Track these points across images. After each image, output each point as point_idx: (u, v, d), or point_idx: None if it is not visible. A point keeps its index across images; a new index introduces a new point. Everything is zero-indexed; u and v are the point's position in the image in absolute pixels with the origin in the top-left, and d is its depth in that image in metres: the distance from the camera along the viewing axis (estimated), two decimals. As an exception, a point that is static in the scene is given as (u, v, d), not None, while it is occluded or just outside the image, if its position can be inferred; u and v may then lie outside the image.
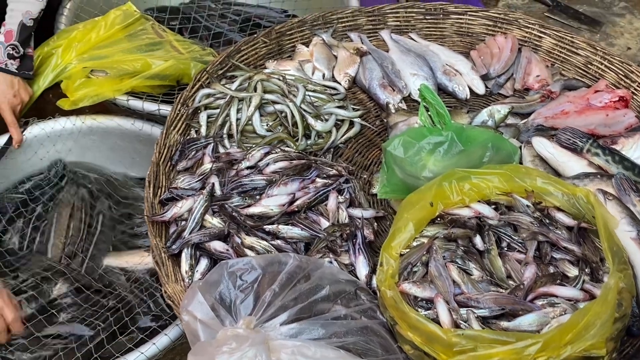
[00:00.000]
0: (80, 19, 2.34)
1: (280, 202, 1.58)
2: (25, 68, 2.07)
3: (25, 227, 1.97)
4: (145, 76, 2.09)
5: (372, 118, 1.97)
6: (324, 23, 2.17)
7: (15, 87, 2.05)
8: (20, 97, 2.07)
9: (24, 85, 2.08)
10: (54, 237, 1.92)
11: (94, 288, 1.81)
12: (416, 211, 1.44)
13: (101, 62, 2.14)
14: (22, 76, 2.07)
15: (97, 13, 2.35)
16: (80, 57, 2.13)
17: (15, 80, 2.05)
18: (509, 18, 2.16)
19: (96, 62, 2.13)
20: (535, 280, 1.41)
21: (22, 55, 2.05)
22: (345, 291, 1.42)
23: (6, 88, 2.03)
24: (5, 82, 2.03)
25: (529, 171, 1.53)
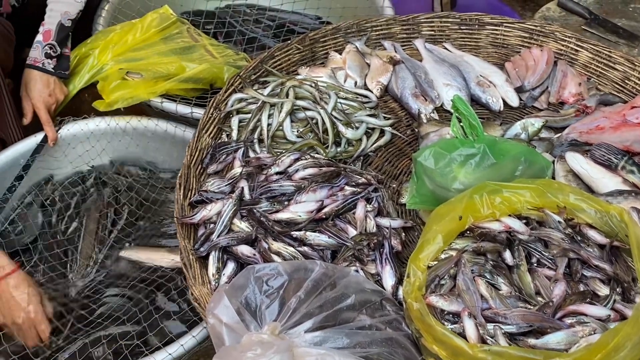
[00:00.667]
0: (118, 20, 2.38)
1: (309, 209, 1.58)
2: (62, 68, 2.11)
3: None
4: (179, 79, 2.12)
5: (403, 127, 1.96)
6: (358, 31, 2.17)
7: (51, 86, 2.09)
8: (55, 97, 2.10)
9: (59, 84, 2.12)
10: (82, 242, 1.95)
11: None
12: (445, 223, 1.43)
13: (137, 64, 2.17)
14: (59, 75, 2.11)
15: (134, 15, 2.39)
16: (116, 58, 2.17)
17: (52, 80, 2.09)
18: (546, 30, 2.13)
19: (132, 64, 2.16)
20: (564, 298, 1.38)
21: (59, 55, 2.09)
22: (370, 301, 1.41)
23: (42, 87, 2.07)
24: (42, 81, 2.07)
25: (561, 187, 1.51)
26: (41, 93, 2.07)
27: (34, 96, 2.08)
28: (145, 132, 2.13)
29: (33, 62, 2.07)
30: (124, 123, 2.13)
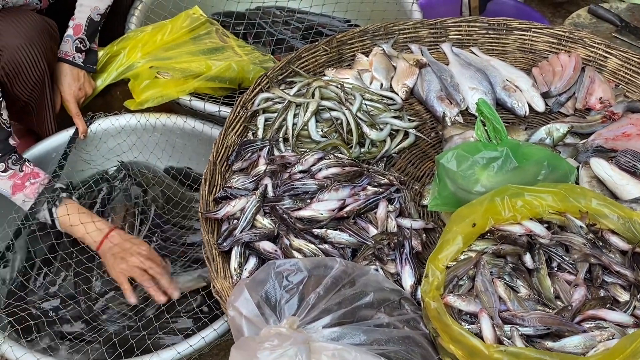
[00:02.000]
0: (150, 20, 2.42)
1: (330, 207, 1.60)
2: (90, 62, 2.17)
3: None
4: (206, 77, 2.15)
5: (427, 130, 1.97)
6: (385, 34, 2.19)
7: (81, 80, 2.15)
8: (84, 90, 2.16)
9: (88, 78, 2.18)
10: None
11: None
12: (466, 225, 1.44)
13: (166, 62, 2.21)
14: (87, 70, 2.16)
15: (166, 15, 2.43)
16: (146, 57, 2.21)
17: (81, 74, 2.15)
18: (574, 37, 2.12)
19: (161, 62, 2.21)
20: (584, 303, 1.38)
21: (87, 49, 2.14)
22: (389, 300, 1.42)
23: (72, 80, 2.13)
24: (72, 75, 2.13)
25: (584, 192, 1.51)
26: (71, 86, 2.13)
27: (64, 89, 2.14)
28: (174, 130, 2.16)
29: (64, 56, 2.13)
30: (154, 120, 2.17)
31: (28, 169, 1.87)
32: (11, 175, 1.85)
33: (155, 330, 1.79)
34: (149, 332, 1.78)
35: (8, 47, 1.95)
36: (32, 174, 1.87)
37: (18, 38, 1.96)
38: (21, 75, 2.01)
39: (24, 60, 1.99)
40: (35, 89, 2.09)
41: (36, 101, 2.13)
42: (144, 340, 1.74)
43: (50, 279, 1.93)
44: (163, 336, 1.79)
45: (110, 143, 2.21)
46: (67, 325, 1.84)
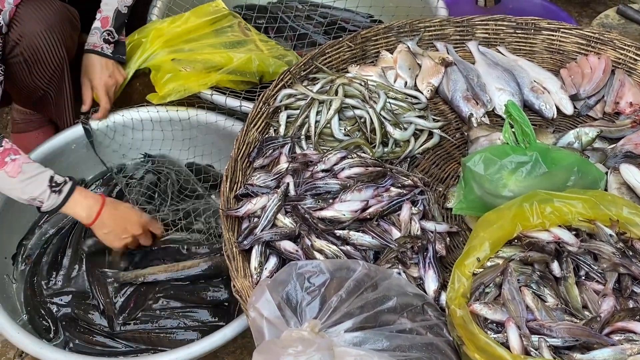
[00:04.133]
0: (173, 12, 2.40)
1: (353, 208, 1.58)
2: (119, 53, 2.15)
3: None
4: (227, 70, 2.12)
5: (452, 130, 1.93)
6: (411, 31, 2.15)
7: (110, 68, 2.13)
8: (115, 78, 2.14)
9: (117, 67, 2.16)
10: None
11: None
12: (493, 231, 1.41)
13: (187, 54, 2.18)
14: (117, 60, 2.14)
15: (188, 7, 2.40)
16: (167, 47, 2.18)
17: (110, 63, 2.13)
18: (604, 38, 2.07)
19: (182, 54, 2.18)
20: (613, 314, 1.35)
21: (116, 41, 2.12)
22: (412, 305, 1.39)
23: (101, 69, 2.11)
24: (100, 64, 2.11)
25: (615, 199, 1.47)
26: (101, 75, 2.11)
27: (94, 78, 2.12)
28: (194, 124, 2.14)
29: (92, 47, 2.11)
30: (174, 112, 2.15)
31: (7, 144, 1.75)
32: None
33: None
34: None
35: (28, 33, 1.93)
36: (13, 150, 1.75)
37: (38, 24, 1.94)
38: (40, 62, 2.00)
39: (43, 47, 1.97)
40: (54, 77, 2.07)
41: (55, 90, 2.12)
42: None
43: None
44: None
45: (131, 134, 2.20)
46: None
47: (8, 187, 1.75)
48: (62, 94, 2.15)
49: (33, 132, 2.30)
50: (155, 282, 1.89)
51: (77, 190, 1.80)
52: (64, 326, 1.80)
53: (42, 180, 1.75)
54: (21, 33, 1.92)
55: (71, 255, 1.97)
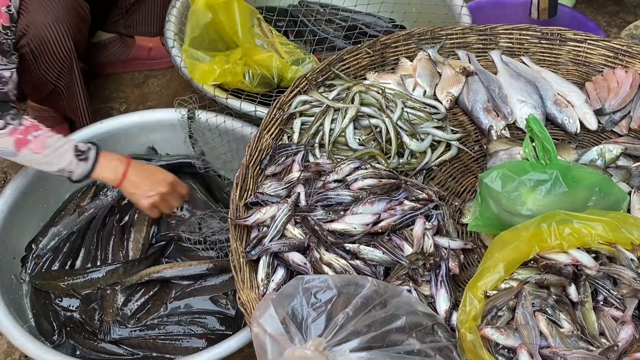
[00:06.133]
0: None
1: (364, 222, 1.53)
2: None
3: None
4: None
5: (471, 143, 1.88)
6: (432, 38, 2.10)
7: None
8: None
9: None
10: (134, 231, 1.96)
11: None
12: (508, 251, 1.35)
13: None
14: None
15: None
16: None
17: None
18: (632, 51, 2.00)
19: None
20: (631, 343, 1.29)
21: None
22: (421, 324, 1.35)
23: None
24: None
25: (637, 222, 1.40)
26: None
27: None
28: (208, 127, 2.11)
29: None
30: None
31: (27, 122, 1.75)
32: (11, 131, 1.72)
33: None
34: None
35: (34, 23, 1.91)
36: (33, 127, 1.75)
37: (45, 15, 1.92)
38: (46, 53, 1.98)
39: (49, 38, 1.95)
40: (63, 70, 2.05)
41: (65, 84, 2.10)
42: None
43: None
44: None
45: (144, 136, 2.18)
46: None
47: (36, 163, 1.79)
48: (74, 88, 2.13)
49: (47, 130, 2.29)
50: (169, 286, 1.87)
51: (101, 155, 1.82)
52: (68, 332, 1.79)
53: (67, 151, 1.78)
54: (28, 23, 1.90)
55: (83, 257, 1.95)
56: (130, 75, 2.65)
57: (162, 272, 1.85)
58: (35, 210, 1.96)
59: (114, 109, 2.54)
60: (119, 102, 2.57)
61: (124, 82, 2.63)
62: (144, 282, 1.85)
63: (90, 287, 1.85)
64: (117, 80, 2.63)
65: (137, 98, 2.58)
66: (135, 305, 1.83)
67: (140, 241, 1.95)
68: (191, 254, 1.93)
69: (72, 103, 2.16)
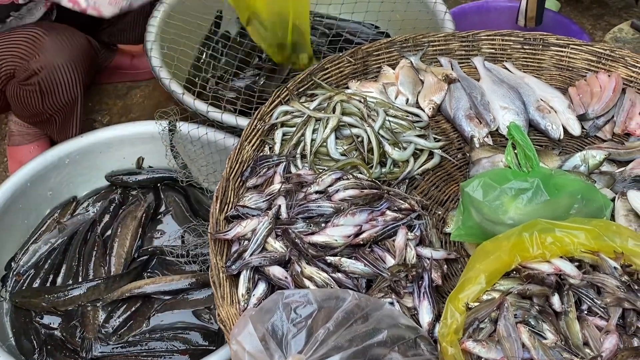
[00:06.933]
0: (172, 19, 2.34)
1: (346, 233, 1.51)
2: None
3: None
4: None
5: (454, 150, 1.86)
6: (414, 45, 2.08)
7: None
8: None
9: None
10: (117, 246, 1.94)
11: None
12: (490, 262, 1.34)
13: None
14: None
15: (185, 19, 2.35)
16: None
17: None
18: (615, 55, 1.99)
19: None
20: (615, 353, 1.27)
21: None
22: (404, 338, 1.33)
23: None
24: None
25: (620, 230, 1.39)
26: None
27: None
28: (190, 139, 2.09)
29: None
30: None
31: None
32: None
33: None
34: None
35: (48, 65, 1.91)
36: None
37: (60, 57, 1.92)
38: (55, 93, 1.98)
39: (61, 80, 1.96)
40: (65, 108, 2.06)
41: (62, 117, 2.10)
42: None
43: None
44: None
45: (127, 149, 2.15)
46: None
47: None
48: (71, 121, 2.13)
49: (28, 145, 2.27)
50: (151, 301, 1.84)
51: None
52: (49, 350, 1.76)
53: None
54: (43, 65, 1.90)
55: (65, 273, 1.93)
56: (113, 87, 2.63)
57: (144, 288, 1.82)
58: (15, 228, 1.93)
59: (97, 121, 2.52)
60: (101, 114, 2.54)
61: (107, 93, 2.60)
62: (125, 298, 1.83)
63: (71, 304, 1.82)
64: (100, 92, 2.61)
65: (120, 110, 2.55)
66: (116, 321, 1.80)
67: (123, 256, 1.92)
68: (174, 268, 1.91)
69: (63, 132, 2.15)
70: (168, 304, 1.83)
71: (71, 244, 1.98)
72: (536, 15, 2.44)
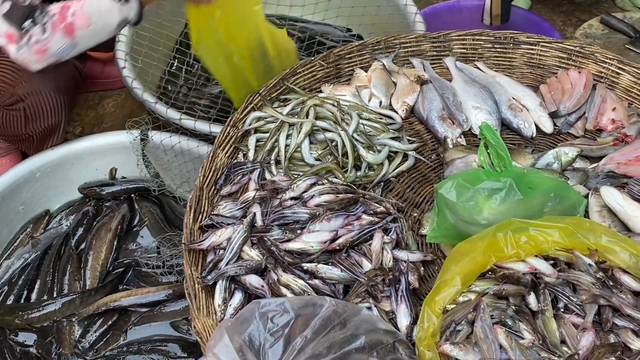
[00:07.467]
0: (138, 44, 2.31)
1: (322, 239, 1.50)
2: None
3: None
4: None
5: (428, 152, 1.86)
6: (386, 47, 2.08)
7: None
8: None
9: None
10: (92, 259, 1.91)
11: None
12: (465, 263, 1.34)
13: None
14: None
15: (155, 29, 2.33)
16: None
17: None
18: (585, 51, 2.00)
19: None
20: (592, 350, 1.28)
21: None
22: (382, 343, 1.32)
23: None
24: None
25: (593, 227, 1.40)
26: None
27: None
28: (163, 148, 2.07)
29: None
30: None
31: (54, 8, 1.62)
32: (53, 28, 1.60)
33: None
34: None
35: (34, 92, 1.89)
36: (62, 8, 1.62)
37: (47, 84, 1.90)
38: (40, 118, 1.96)
39: (47, 107, 1.94)
40: (47, 130, 2.03)
41: (43, 137, 2.07)
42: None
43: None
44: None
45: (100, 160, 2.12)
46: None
47: (96, 34, 1.68)
48: (49, 138, 2.10)
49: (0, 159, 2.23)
50: (128, 314, 1.82)
51: None
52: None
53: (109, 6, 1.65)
54: (29, 91, 1.88)
55: (39, 289, 1.90)
56: (85, 97, 2.59)
57: (120, 301, 1.80)
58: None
59: (69, 132, 2.47)
60: (73, 125, 2.50)
61: (78, 103, 2.56)
62: (101, 312, 1.80)
63: (46, 320, 1.79)
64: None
65: (92, 120, 2.52)
66: (93, 336, 1.77)
67: (98, 269, 1.90)
68: (151, 280, 1.88)
69: (40, 149, 2.11)
70: (145, 317, 1.80)
71: (45, 259, 1.95)
72: (502, 13, 2.44)
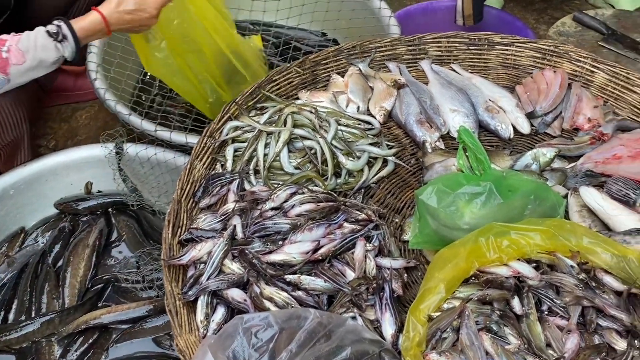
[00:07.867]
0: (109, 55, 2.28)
1: (304, 250, 1.49)
2: None
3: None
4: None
5: (407, 156, 1.86)
6: (361, 52, 2.07)
7: None
8: None
9: None
10: (70, 276, 1.87)
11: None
12: (448, 270, 1.33)
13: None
14: None
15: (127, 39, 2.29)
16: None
17: None
18: (559, 51, 2.02)
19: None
20: (577, 353, 1.28)
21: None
22: (368, 353, 1.31)
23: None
24: None
25: (574, 228, 1.40)
26: None
27: None
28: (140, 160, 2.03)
29: None
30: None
31: None
32: None
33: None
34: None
35: None
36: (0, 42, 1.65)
37: (3, 97, 1.85)
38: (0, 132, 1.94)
39: (6, 121, 1.92)
40: (11, 145, 2.01)
41: (9, 153, 2.04)
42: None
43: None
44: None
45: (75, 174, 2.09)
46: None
47: (30, 71, 1.69)
48: (16, 154, 2.08)
49: (-29, 177, 2.18)
50: (109, 332, 1.79)
51: (73, 22, 1.71)
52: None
53: (44, 43, 1.67)
54: None
55: (17, 309, 1.86)
56: (57, 109, 2.55)
57: (100, 318, 1.76)
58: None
59: (42, 146, 2.43)
60: (46, 139, 2.46)
61: (51, 117, 2.52)
62: (81, 330, 1.77)
63: (25, 341, 1.75)
64: (43, 116, 2.52)
65: (65, 133, 2.48)
66: (74, 355, 1.73)
67: (77, 286, 1.86)
68: (131, 295, 1.85)
69: (9, 166, 2.07)
70: (126, 334, 1.77)
71: (22, 278, 1.91)
72: (474, 13, 2.45)
